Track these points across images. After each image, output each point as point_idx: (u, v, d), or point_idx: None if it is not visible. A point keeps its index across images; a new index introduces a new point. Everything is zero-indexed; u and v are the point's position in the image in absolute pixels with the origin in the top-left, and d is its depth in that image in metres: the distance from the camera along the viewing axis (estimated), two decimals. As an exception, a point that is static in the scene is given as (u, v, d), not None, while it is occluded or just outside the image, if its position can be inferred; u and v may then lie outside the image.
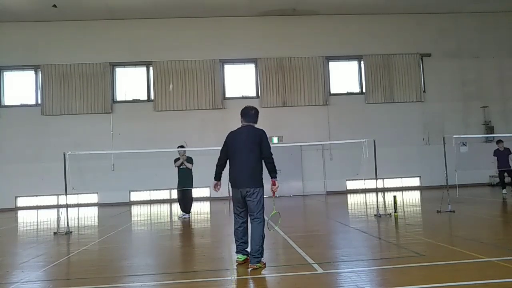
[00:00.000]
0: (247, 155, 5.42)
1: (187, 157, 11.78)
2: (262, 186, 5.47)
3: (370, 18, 19.12)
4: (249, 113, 5.63)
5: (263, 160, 5.48)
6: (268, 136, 5.56)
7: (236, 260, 5.53)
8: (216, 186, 5.66)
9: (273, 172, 5.48)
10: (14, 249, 8.07)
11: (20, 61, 18.22)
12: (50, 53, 18.14)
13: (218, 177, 5.68)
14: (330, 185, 18.57)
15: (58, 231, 9.36)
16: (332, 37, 19.01)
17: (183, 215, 11.61)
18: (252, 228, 5.40)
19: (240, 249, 5.53)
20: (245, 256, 5.49)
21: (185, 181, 11.59)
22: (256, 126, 5.68)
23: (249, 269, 5.21)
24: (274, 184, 5.51)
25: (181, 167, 11.69)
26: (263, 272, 5.15)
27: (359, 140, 10.58)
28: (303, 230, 8.85)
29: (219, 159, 5.68)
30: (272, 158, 5.49)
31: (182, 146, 12.00)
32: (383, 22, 19.18)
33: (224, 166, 5.67)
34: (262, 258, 5.32)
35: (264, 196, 5.50)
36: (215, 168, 5.69)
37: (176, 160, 11.81)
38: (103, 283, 5.02)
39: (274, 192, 5.56)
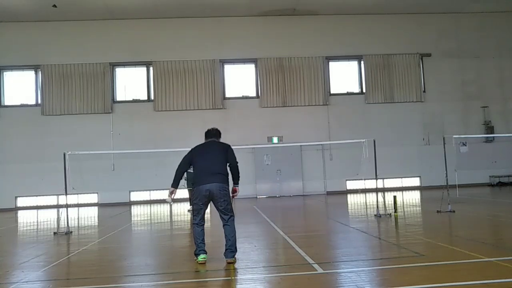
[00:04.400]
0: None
1: None
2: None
3: (370, 18, 19.11)
4: (211, 132, 6.34)
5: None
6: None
7: (201, 261, 5.59)
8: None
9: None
10: (14, 249, 8.07)
11: (20, 61, 18.21)
12: (50, 53, 18.14)
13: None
14: (330, 185, 18.56)
15: (58, 231, 9.36)
16: (332, 37, 19.00)
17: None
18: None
19: (203, 248, 5.73)
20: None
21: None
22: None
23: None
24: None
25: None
26: (263, 272, 5.16)
27: (359, 140, 10.58)
28: (303, 230, 8.85)
29: None
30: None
31: None
32: (383, 22, 19.18)
33: None
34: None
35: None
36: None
37: None
38: (103, 283, 5.02)
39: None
